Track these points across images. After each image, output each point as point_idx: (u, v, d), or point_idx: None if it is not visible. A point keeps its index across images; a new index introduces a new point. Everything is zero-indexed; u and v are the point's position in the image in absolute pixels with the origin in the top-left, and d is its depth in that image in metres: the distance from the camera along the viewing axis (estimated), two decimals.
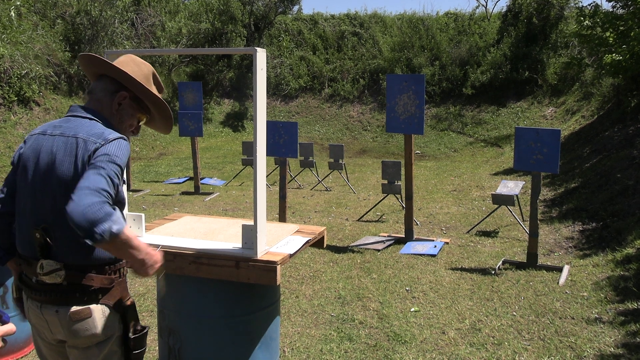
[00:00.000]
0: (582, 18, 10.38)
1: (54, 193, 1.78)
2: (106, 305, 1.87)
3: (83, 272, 1.80)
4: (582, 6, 11.18)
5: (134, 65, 1.99)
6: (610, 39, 9.75)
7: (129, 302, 1.94)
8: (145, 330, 1.96)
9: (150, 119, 2.10)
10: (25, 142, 1.91)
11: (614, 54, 9.27)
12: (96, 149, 1.74)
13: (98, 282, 1.83)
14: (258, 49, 2.15)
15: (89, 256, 1.81)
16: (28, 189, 1.84)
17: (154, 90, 2.02)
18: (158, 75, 2.08)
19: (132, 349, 1.93)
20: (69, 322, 1.80)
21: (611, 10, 10.18)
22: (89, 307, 1.82)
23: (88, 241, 1.58)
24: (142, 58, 2.07)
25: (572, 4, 16.12)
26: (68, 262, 1.79)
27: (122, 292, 1.93)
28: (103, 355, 1.88)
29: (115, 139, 1.78)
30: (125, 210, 2.44)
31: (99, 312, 1.84)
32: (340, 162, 9.92)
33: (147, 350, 3.54)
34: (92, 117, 1.87)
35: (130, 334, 1.92)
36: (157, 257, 1.82)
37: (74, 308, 1.80)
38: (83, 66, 2.00)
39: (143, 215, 2.50)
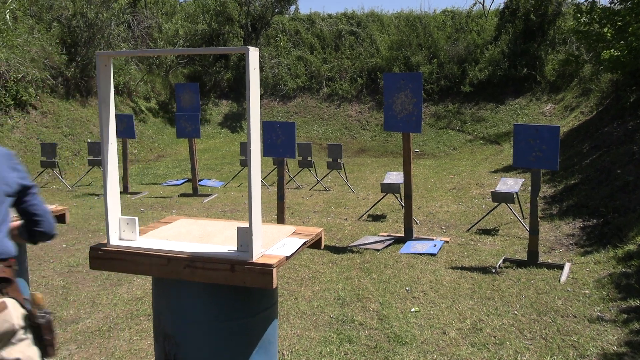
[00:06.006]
0: (579, 14, 10.35)
1: None
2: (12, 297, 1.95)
3: None
4: (579, 2, 11.12)
5: None
6: (608, 34, 9.72)
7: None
8: (48, 315, 2.02)
9: None
10: None
11: (612, 50, 9.24)
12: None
13: None
14: (251, 48, 2.11)
15: None
16: None
17: None
18: None
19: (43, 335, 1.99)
20: None
21: (609, 5, 10.15)
22: (3, 300, 1.90)
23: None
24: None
25: (570, 0, 16.11)
26: None
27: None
28: (22, 345, 1.94)
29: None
30: (119, 214, 2.41)
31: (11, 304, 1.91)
32: (339, 161, 9.87)
33: (144, 355, 3.52)
34: None
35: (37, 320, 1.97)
36: None
37: None
38: None
39: (137, 219, 2.45)
